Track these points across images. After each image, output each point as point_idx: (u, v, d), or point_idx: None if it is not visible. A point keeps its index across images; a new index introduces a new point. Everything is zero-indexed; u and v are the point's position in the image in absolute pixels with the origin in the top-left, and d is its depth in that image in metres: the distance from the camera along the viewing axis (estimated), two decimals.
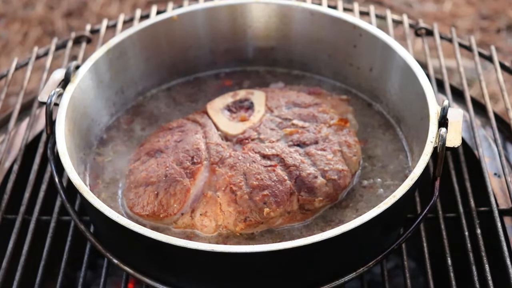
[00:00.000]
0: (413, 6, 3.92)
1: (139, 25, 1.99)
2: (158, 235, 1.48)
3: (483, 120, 2.13)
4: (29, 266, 1.77)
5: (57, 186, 1.69)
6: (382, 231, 1.63)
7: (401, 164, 1.81)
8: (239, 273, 1.56)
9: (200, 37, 2.06)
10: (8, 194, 1.91)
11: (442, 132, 1.60)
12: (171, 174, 1.70)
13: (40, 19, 3.87)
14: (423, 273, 2.22)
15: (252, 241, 1.65)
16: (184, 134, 1.81)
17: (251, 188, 1.66)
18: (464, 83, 2.14)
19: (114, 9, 3.92)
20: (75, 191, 1.61)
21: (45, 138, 2.02)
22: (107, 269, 1.77)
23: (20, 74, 2.72)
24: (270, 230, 1.67)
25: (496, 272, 1.73)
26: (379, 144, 1.88)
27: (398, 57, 1.85)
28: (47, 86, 1.80)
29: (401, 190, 1.54)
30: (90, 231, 1.68)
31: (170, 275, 1.60)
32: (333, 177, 1.71)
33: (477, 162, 1.95)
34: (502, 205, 1.89)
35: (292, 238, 1.64)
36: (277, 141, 1.77)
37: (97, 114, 1.91)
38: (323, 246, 1.47)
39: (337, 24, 1.99)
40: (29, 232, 1.83)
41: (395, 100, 1.91)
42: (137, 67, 2.00)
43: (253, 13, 2.06)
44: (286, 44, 2.08)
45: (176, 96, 2.05)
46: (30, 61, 2.30)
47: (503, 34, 3.73)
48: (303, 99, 1.90)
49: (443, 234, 1.80)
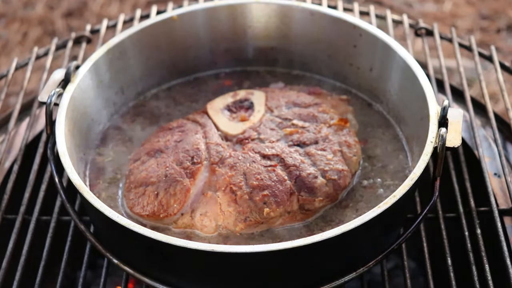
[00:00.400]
0: (413, 6, 3.92)
1: (139, 25, 1.99)
2: (158, 235, 1.48)
3: (483, 120, 2.13)
4: (29, 266, 1.77)
5: (57, 186, 1.69)
6: (382, 231, 1.63)
7: (401, 164, 1.81)
8: (239, 273, 1.56)
9: (200, 37, 2.06)
10: (8, 194, 1.91)
11: (442, 132, 1.60)
12: (171, 174, 1.70)
13: (40, 19, 3.87)
14: (423, 273, 2.22)
15: (252, 241, 1.65)
16: (184, 134, 1.81)
17: (251, 188, 1.66)
18: (464, 83, 2.14)
19: (114, 9, 3.92)
20: (75, 191, 1.61)
21: (45, 138, 2.02)
22: (107, 269, 1.77)
23: (20, 74, 2.72)
24: (270, 230, 1.67)
25: (496, 272, 1.73)
26: (379, 144, 1.88)
27: (398, 57, 1.85)
28: (47, 86, 1.80)
29: (401, 190, 1.54)
30: (90, 231, 1.68)
31: (170, 275, 1.60)
32: (333, 177, 1.71)
33: (477, 162, 1.95)
34: (502, 205, 1.89)
35: (292, 238, 1.64)
36: (277, 141, 1.77)
37: (97, 114, 1.91)
38: (323, 246, 1.47)
39: (337, 24, 1.99)
40: (29, 232, 1.83)
41: (395, 100, 1.91)
42: (137, 67, 2.00)
43: (253, 13, 2.06)
44: (286, 44, 2.08)
45: (176, 96, 2.05)
46: (30, 61, 2.30)
47: (503, 34, 3.73)
48: (303, 99, 1.90)
49: (443, 234, 1.80)
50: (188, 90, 2.07)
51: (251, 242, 1.65)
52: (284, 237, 1.66)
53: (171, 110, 2.00)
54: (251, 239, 1.66)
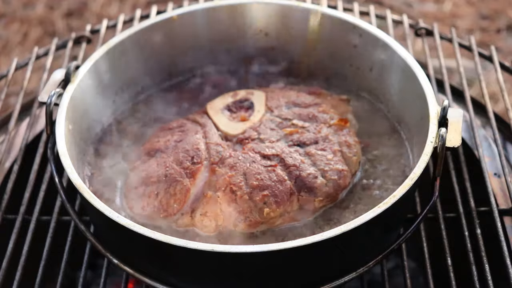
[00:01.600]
0: (413, 6, 3.92)
1: (139, 25, 1.99)
2: (158, 235, 1.48)
3: (483, 120, 2.13)
4: (29, 266, 1.77)
5: (57, 186, 1.69)
6: (382, 231, 1.63)
7: (401, 165, 1.81)
8: (239, 273, 1.56)
9: (200, 37, 2.06)
10: (8, 194, 1.91)
11: (442, 132, 1.60)
12: (171, 174, 1.70)
13: (40, 19, 3.87)
14: (423, 273, 2.22)
15: (252, 240, 1.65)
16: (184, 134, 1.81)
17: (251, 188, 1.66)
18: (464, 83, 2.14)
19: (114, 9, 3.92)
20: (75, 191, 1.61)
21: (45, 138, 2.02)
22: (107, 269, 1.77)
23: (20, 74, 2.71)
24: (271, 230, 1.67)
25: (496, 272, 1.73)
26: (380, 145, 1.87)
27: (398, 57, 1.85)
28: (47, 86, 1.80)
29: (401, 190, 1.54)
30: (90, 231, 1.68)
31: (170, 275, 1.60)
32: (333, 177, 1.71)
33: (477, 162, 1.95)
34: (502, 205, 1.89)
35: (292, 238, 1.64)
36: (277, 141, 1.77)
37: (97, 114, 1.91)
38: (323, 246, 1.47)
39: (337, 24, 1.99)
40: (29, 232, 1.83)
41: (395, 100, 1.91)
42: (137, 67, 2.00)
43: (253, 13, 2.06)
44: (286, 44, 2.08)
45: (176, 96, 2.04)
46: (30, 61, 2.30)
47: (503, 34, 3.73)
48: (303, 99, 1.90)
49: (443, 234, 1.80)
50: (188, 90, 2.07)
51: (251, 242, 1.65)
52: (286, 235, 1.66)
53: (171, 110, 2.00)
54: (251, 239, 1.66)
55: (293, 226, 1.68)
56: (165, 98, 2.04)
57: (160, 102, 2.02)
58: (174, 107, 2.01)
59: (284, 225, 1.68)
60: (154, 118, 1.98)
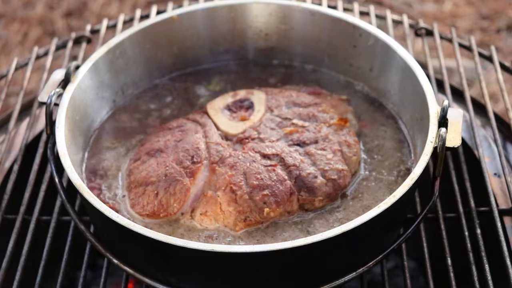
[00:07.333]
0: (413, 6, 3.92)
1: (139, 25, 1.99)
2: (158, 235, 1.48)
3: (483, 120, 2.13)
4: (29, 266, 1.77)
5: (57, 186, 1.69)
6: (382, 231, 1.63)
7: (400, 164, 1.81)
8: (239, 273, 1.56)
9: (200, 37, 2.06)
10: (8, 194, 1.91)
11: (442, 132, 1.60)
12: (171, 174, 1.70)
13: (40, 19, 3.87)
14: (423, 273, 2.22)
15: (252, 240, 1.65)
16: (184, 134, 1.81)
17: (251, 187, 1.66)
18: (464, 83, 2.14)
19: (114, 9, 3.92)
20: (75, 191, 1.61)
21: (45, 138, 2.02)
22: (107, 269, 1.77)
23: (20, 74, 2.72)
24: (271, 230, 1.67)
25: (496, 272, 1.73)
26: (379, 144, 1.87)
27: (398, 57, 1.85)
28: (47, 86, 1.80)
29: (401, 190, 1.54)
30: (90, 231, 1.68)
31: (170, 275, 1.60)
32: (333, 177, 1.71)
33: (477, 162, 1.95)
34: (502, 205, 1.89)
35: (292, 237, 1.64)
36: (277, 140, 1.77)
37: (97, 114, 1.91)
38: (323, 246, 1.47)
39: (337, 24, 1.99)
40: (29, 232, 1.83)
41: (395, 100, 1.91)
42: (137, 67, 2.00)
43: (253, 13, 2.06)
44: (286, 44, 2.08)
45: (176, 96, 2.04)
46: (30, 61, 2.30)
47: (503, 34, 3.73)
48: (303, 99, 1.90)
49: (443, 234, 1.80)
50: (188, 89, 2.07)
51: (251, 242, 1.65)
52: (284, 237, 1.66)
53: (171, 110, 2.00)
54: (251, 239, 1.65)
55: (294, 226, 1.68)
56: (165, 98, 2.04)
57: (160, 102, 2.02)
58: (174, 106, 2.01)
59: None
60: (153, 118, 1.98)
